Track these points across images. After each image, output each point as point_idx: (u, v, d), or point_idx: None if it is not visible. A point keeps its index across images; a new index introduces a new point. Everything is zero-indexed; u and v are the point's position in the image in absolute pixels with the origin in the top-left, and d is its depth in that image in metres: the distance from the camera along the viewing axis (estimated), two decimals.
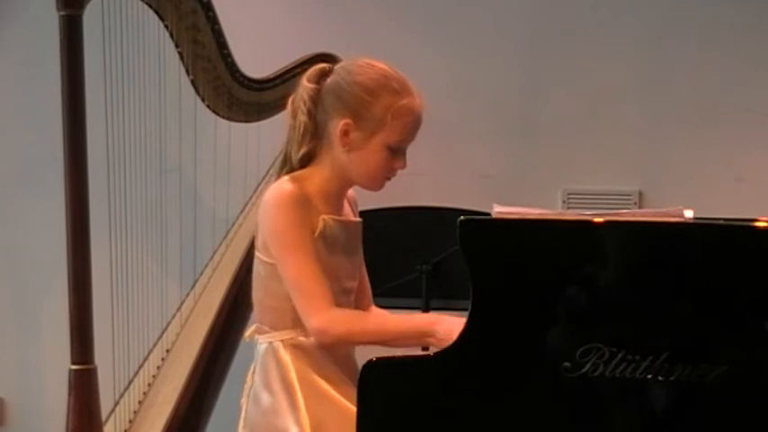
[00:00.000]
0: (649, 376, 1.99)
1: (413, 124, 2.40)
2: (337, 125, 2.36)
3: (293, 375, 2.37)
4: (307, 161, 2.41)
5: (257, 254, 2.44)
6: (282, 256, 2.34)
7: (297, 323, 2.37)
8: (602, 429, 2.05)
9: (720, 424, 2.02)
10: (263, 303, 2.44)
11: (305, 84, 2.41)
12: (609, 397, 2.02)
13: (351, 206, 2.53)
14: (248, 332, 2.49)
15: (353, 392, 2.17)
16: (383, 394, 2.12)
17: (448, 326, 2.24)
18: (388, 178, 2.44)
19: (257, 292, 2.46)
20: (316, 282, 2.31)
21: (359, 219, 2.53)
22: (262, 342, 2.43)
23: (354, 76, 2.39)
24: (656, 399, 2.01)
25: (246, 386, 2.47)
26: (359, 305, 2.53)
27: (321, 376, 2.38)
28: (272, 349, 2.40)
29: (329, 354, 2.40)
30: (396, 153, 2.39)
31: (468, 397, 2.07)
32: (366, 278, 2.58)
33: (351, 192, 2.53)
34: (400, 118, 2.37)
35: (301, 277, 2.32)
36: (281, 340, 2.39)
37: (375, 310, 2.61)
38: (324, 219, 2.36)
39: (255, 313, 2.48)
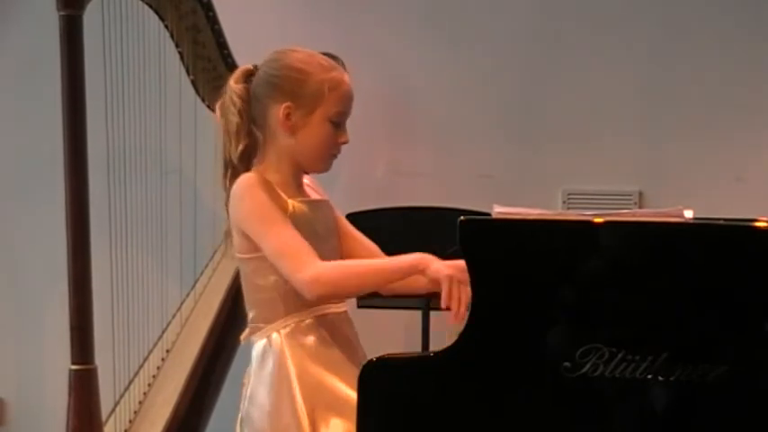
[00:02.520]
0: (649, 376, 1.99)
1: (347, 95, 2.46)
2: (277, 112, 2.42)
3: (290, 366, 2.38)
4: (246, 158, 2.46)
5: (237, 256, 2.47)
6: (260, 232, 2.36)
7: (290, 310, 2.40)
8: (602, 429, 2.05)
9: (720, 424, 2.02)
10: (254, 301, 2.46)
11: (232, 85, 2.47)
12: (609, 397, 2.02)
13: (314, 190, 2.56)
14: (243, 335, 2.51)
15: (353, 374, 2.18)
16: (383, 394, 2.12)
17: (438, 264, 2.30)
18: (334, 156, 2.49)
19: (247, 293, 2.48)
20: (298, 242, 2.34)
21: (326, 198, 2.56)
22: (258, 340, 2.45)
23: (281, 61, 2.46)
24: (656, 399, 2.01)
25: (243, 390, 2.48)
26: None
27: (318, 363, 2.39)
28: (269, 344, 2.42)
29: (327, 337, 2.42)
30: (337, 127, 2.45)
31: (469, 397, 2.07)
32: (367, 241, 2.59)
33: (307, 178, 2.56)
34: (336, 89, 2.43)
35: (283, 242, 2.34)
36: (278, 331, 2.41)
37: None
38: (291, 202, 2.41)
39: (249, 315, 2.49)
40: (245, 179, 2.39)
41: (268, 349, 2.41)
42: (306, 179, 2.55)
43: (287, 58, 2.45)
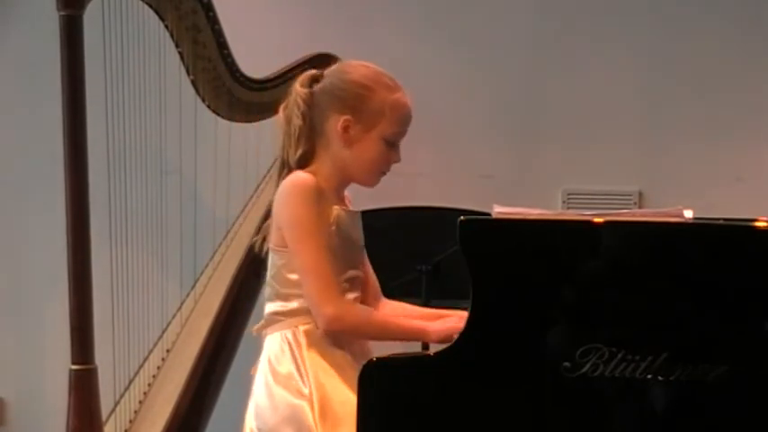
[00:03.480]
0: (649, 376, 1.99)
1: (406, 117, 2.51)
2: (337, 123, 2.45)
3: (306, 362, 2.39)
4: (303, 162, 2.48)
5: (271, 246, 2.48)
6: (300, 244, 2.39)
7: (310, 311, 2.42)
8: (602, 429, 2.05)
9: (720, 424, 2.02)
10: (279, 293, 2.47)
11: (298, 89, 2.50)
12: (609, 397, 2.02)
13: (349, 203, 2.59)
14: (257, 326, 2.52)
15: None
16: (383, 394, 2.13)
17: (437, 326, 2.40)
18: (384, 173, 2.52)
19: (274, 285, 2.49)
20: (331, 271, 2.39)
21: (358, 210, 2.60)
22: (272, 333, 2.46)
23: (348, 74, 2.48)
24: (655, 399, 2.01)
25: (253, 383, 2.48)
26: (366, 298, 2.57)
27: (332, 365, 2.40)
28: (284, 338, 2.43)
29: (343, 341, 2.43)
30: (392, 146, 2.49)
31: (468, 396, 2.07)
32: (372, 272, 2.63)
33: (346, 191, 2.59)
34: (396, 110, 2.47)
35: (319, 265, 2.38)
36: (296, 327, 2.42)
37: (387, 303, 2.65)
38: (336, 209, 2.44)
39: (268, 306, 2.50)
40: (304, 180, 2.42)
41: (284, 342, 2.42)
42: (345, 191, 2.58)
43: (355, 73, 2.48)
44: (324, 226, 2.40)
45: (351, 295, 2.46)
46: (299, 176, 2.43)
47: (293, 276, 2.43)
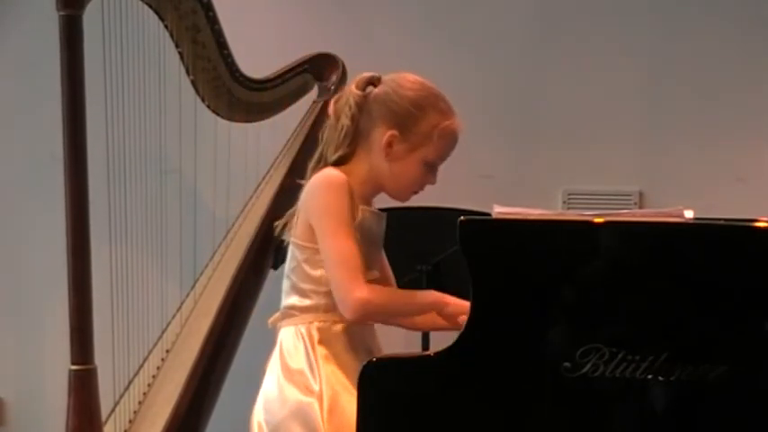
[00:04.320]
0: (649, 376, 1.99)
1: (453, 145, 2.53)
2: (383, 134, 2.46)
3: (318, 354, 2.40)
4: (340, 162, 2.49)
5: (294, 240, 2.49)
6: (330, 233, 2.39)
7: (328, 308, 2.43)
8: (602, 430, 2.05)
9: (720, 424, 2.02)
10: (296, 288, 2.48)
11: (353, 90, 2.49)
12: (609, 397, 2.02)
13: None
14: (272, 318, 2.52)
15: None
16: (383, 394, 2.13)
17: (460, 302, 2.38)
18: (416, 192, 2.56)
19: (291, 277, 2.49)
20: (359, 258, 2.38)
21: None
22: (287, 327, 2.46)
23: (405, 90, 2.48)
24: (656, 399, 2.01)
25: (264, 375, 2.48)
26: None
27: (342, 363, 2.41)
28: (298, 332, 2.44)
29: (353, 345, 2.44)
30: (431, 169, 2.52)
31: (468, 397, 2.07)
32: (390, 270, 2.64)
33: None
34: (444, 138, 2.49)
35: (348, 252, 2.37)
36: (310, 323, 2.43)
37: None
38: (362, 209, 2.45)
39: (285, 299, 2.50)
40: (336, 177, 2.43)
41: (298, 337, 2.43)
42: None
43: (411, 90, 2.47)
44: (352, 219, 2.41)
45: None
46: (332, 173, 2.44)
47: (313, 272, 2.44)
